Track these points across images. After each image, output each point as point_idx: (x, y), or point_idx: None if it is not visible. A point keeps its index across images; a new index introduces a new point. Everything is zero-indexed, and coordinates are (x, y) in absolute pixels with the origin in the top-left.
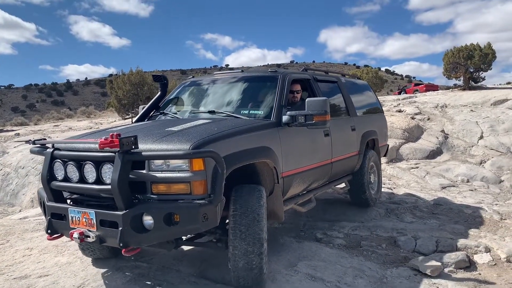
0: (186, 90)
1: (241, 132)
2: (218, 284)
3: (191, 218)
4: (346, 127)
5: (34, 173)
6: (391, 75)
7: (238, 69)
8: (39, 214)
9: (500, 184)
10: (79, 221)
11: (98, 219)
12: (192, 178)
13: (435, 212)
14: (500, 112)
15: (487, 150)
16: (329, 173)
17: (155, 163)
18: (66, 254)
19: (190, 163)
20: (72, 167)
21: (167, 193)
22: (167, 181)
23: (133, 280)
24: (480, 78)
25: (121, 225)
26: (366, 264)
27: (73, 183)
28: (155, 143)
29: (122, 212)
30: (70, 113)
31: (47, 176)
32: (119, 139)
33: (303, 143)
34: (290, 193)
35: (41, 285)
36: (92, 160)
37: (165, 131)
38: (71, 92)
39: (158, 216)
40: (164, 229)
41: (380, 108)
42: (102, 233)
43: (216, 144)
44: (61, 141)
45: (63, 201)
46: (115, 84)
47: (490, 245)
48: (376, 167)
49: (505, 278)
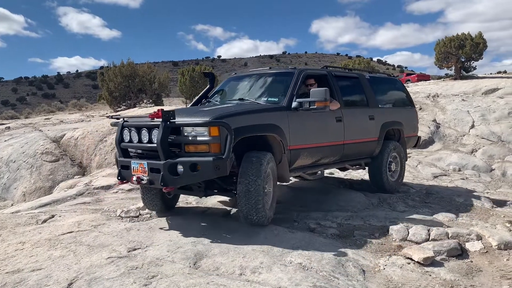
0: (228, 82)
1: (253, 112)
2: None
3: (208, 168)
4: (363, 116)
5: (25, 167)
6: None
7: (267, 67)
8: (31, 208)
9: (491, 173)
10: (137, 169)
11: (148, 167)
12: (210, 141)
13: (427, 201)
14: (491, 101)
15: (478, 139)
16: (341, 153)
17: (186, 130)
18: (59, 247)
19: (209, 130)
20: (134, 132)
21: (194, 151)
22: (193, 142)
23: (127, 273)
24: (471, 68)
25: (162, 171)
26: (360, 253)
27: (134, 143)
28: (187, 116)
29: (163, 162)
30: (61, 106)
31: (119, 139)
32: (162, 112)
33: (311, 125)
34: (298, 164)
35: (34, 279)
36: (146, 127)
37: (198, 110)
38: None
39: (186, 165)
40: (190, 174)
41: (409, 102)
42: (151, 177)
43: (229, 118)
44: (128, 116)
45: (128, 157)
46: (106, 77)
47: (482, 233)
48: (399, 158)
49: (496, 265)
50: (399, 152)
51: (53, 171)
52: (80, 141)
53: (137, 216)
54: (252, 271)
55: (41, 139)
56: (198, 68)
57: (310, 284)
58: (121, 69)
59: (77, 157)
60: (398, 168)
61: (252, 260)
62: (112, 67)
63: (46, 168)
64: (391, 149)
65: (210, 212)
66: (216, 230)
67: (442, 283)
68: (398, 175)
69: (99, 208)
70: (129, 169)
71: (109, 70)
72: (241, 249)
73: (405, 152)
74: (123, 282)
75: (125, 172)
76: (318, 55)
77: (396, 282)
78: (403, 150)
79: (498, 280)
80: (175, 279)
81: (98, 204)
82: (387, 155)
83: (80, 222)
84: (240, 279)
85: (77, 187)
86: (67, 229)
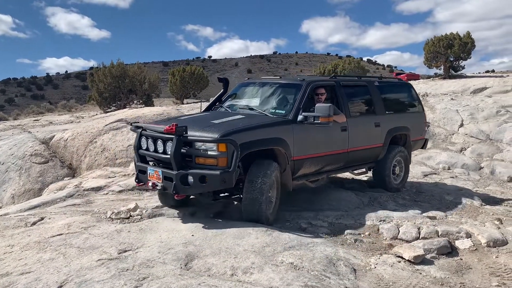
0: (240, 88)
1: (259, 127)
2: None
3: (215, 180)
4: (368, 124)
5: (14, 169)
6: (373, 65)
7: (277, 76)
8: (20, 210)
9: (480, 171)
10: (153, 175)
11: (163, 175)
12: (218, 155)
13: (417, 199)
14: (479, 100)
15: (467, 137)
16: (345, 160)
17: (197, 144)
18: (48, 250)
19: (217, 146)
20: (150, 142)
21: (203, 164)
22: (203, 156)
23: (117, 275)
24: (460, 67)
25: (175, 180)
26: (351, 252)
27: (150, 152)
28: (198, 131)
29: (175, 172)
30: (51, 107)
31: (137, 146)
32: (176, 127)
33: (315, 136)
34: (302, 172)
35: (23, 282)
36: (161, 139)
37: (209, 123)
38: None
39: (196, 177)
40: (199, 185)
41: (418, 106)
42: (164, 184)
43: (236, 135)
44: (146, 125)
45: (146, 162)
46: (96, 77)
47: (471, 231)
48: (404, 162)
49: (486, 263)
50: (403, 157)
51: (42, 173)
52: (70, 143)
53: (127, 218)
54: (244, 271)
55: (30, 141)
56: (189, 68)
57: (301, 284)
58: (111, 69)
59: (66, 158)
60: (402, 173)
61: (243, 261)
62: (101, 68)
63: (35, 170)
64: (395, 154)
65: (200, 213)
66: (208, 231)
67: (432, 281)
68: (401, 178)
69: (89, 210)
70: (145, 174)
71: (99, 71)
72: (233, 250)
73: (409, 155)
74: (114, 284)
75: (142, 176)
76: (308, 55)
77: (387, 280)
78: (408, 154)
79: (488, 277)
80: (166, 280)
81: (88, 205)
82: (391, 159)
83: (70, 224)
84: (231, 279)
85: (67, 189)
86: (57, 231)
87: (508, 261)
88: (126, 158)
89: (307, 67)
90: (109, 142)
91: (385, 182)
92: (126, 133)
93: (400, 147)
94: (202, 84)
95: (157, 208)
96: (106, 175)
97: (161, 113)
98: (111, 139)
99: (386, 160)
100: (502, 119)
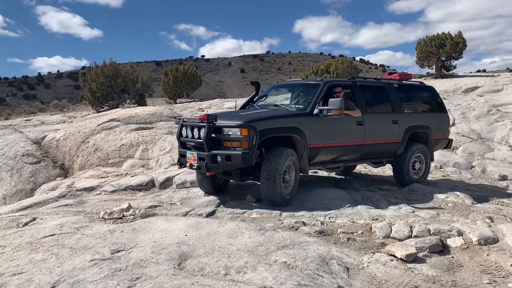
0: (270, 90)
1: (277, 117)
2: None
3: (238, 159)
4: (386, 120)
5: (6, 169)
6: (366, 65)
7: (300, 78)
8: (12, 210)
9: (472, 170)
10: (190, 157)
11: (197, 156)
12: (241, 139)
13: (410, 198)
14: (471, 100)
15: (459, 136)
16: (361, 152)
17: (225, 130)
18: (41, 251)
19: (240, 131)
20: (189, 130)
21: (230, 146)
22: (229, 139)
23: (110, 275)
24: (452, 67)
25: (206, 159)
26: (344, 251)
27: (189, 138)
28: (226, 120)
29: (207, 153)
30: (43, 107)
31: (179, 134)
32: (207, 116)
33: (330, 128)
34: (318, 159)
35: (15, 283)
36: (197, 126)
37: (236, 114)
38: (43, 86)
39: (222, 156)
40: (225, 163)
41: (441, 108)
42: (199, 164)
43: (257, 122)
44: (186, 118)
45: (185, 148)
46: (88, 77)
47: (463, 229)
48: (424, 157)
49: (477, 261)
50: (424, 153)
51: (34, 173)
52: (62, 143)
53: (120, 218)
54: (237, 271)
55: (22, 141)
56: (182, 68)
57: (294, 283)
58: (103, 69)
59: (59, 158)
60: (422, 166)
61: (237, 260)
62: (94, 67)
63: (27, 170)
64: (415, 150)
65: (193, 212)
66: (200, 231)
67: (424, 279)
68: (422, 172)
69: (82, 210)
70: (185, 157)
71: (91, 70)
72: (226, 249)
73: (431, 153)
74: (107, 284)
75: (182, 159)
76: (301, 54)
77: (380, 279)
78: (430, 152)
79: (479, 275)
80: (159, 280)
81: (81, 206)
82: (411, 155)
83: (62, 225)
84: (225, 279)
85: (59, 189)
86: (49, 232)
87: (498, 259)
88: (118, 158)
89: (300, 66)
90: (101, 142)
91: (404, 176)
92: (118, 132)
93: (420, 144)
94: (195, 84)
95: (150, 208)
96: (99, 175)
97: (154, 112)
98: (103, 139)
99: (405, 155)
100: (493, 118)
